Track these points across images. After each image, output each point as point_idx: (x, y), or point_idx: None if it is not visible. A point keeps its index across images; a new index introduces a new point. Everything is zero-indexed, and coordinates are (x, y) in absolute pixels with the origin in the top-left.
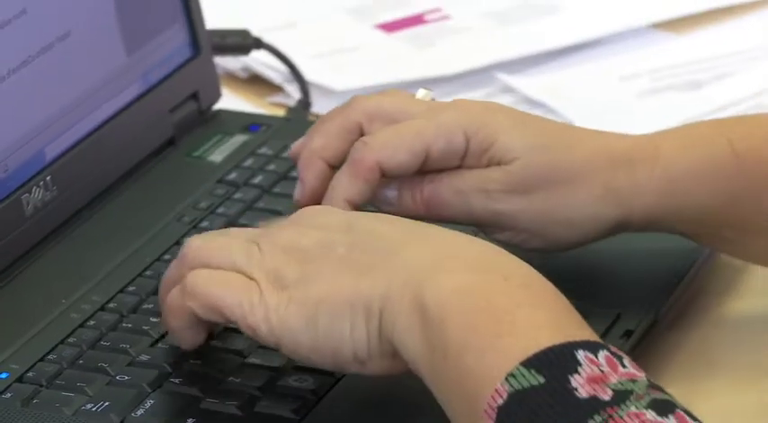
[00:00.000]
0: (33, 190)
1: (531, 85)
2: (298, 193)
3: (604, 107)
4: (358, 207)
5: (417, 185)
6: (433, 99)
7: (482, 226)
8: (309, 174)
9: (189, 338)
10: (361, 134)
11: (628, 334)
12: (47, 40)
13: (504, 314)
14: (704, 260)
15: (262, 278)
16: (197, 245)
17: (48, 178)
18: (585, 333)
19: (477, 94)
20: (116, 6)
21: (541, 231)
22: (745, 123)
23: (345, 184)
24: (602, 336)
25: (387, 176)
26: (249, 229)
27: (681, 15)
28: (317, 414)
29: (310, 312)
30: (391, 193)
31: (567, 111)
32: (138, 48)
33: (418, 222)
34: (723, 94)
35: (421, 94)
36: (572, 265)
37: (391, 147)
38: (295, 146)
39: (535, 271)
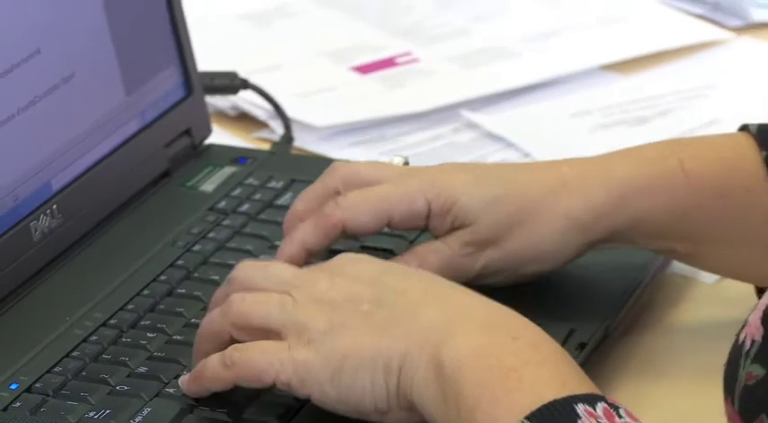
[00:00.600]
0: (40, 217)
1: (492, 121)
2: (278, 252)
3: (559, 141)
4: (313, 253)
5: (408, 263)
6: (406, 163)
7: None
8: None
9: (204, 394)
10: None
11: (582, 346)
12: (53, 80)
13: (512, 372)
14: (651, 275)
15: (292, 333)
16: (239, 297)
17: (54, 207)
18: (585, 387)
19: (443, 130)
20: (116, 50)
21: (516, 271)
22: (695, 144)
23: (308, 231)
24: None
25: (350, 235)
26: (287, 267)
27: (627, 58)
28: (300, 420)
29: (335, 366)
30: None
31: (525, 144)
32: (136, 88)
33: (438, 280)
34: (666, 128)
35: (396, 160)
36: (529, 283)
37: (356, 209)
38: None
39: (540, 330)
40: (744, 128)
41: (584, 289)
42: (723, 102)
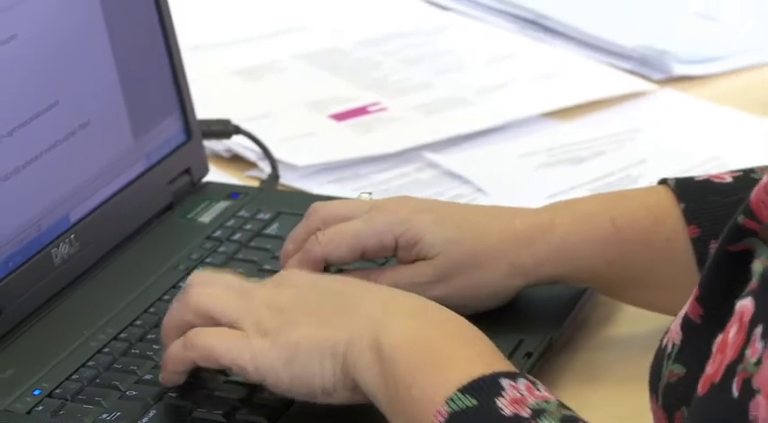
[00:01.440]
0: (60, 245)
1: (450, 161)
2: None
3: (508, 179)
4: None
5: (368, 277)
6: (370, 198)
7: None
8: None
9: (177, 380)
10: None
11: (528, 355)
12: (71, 127)
13: (442, 353)
14: (591, 293)
15: (249, 327)
16: (198, 292)
17: (72, 236)
18: (507, 365)
19: (408, 169)
20: (125, 101)
21: (465, 304)
22: (624, 200)
23: (295, 268)
24: (508, 357)
25: (332, 265)
26: (238, 279)
27: (566, 106)
28: (286, 420)
29: (289, 354)
30: None
31: (479, 182)
32: (143, 134)
33: (366, 282)
34: (601, 167)
35: (363, 196)
36: None
37: (334, 245)
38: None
39: (463, 319)
40: (663, 181)
41: (532, 304)
42: (650, 144)
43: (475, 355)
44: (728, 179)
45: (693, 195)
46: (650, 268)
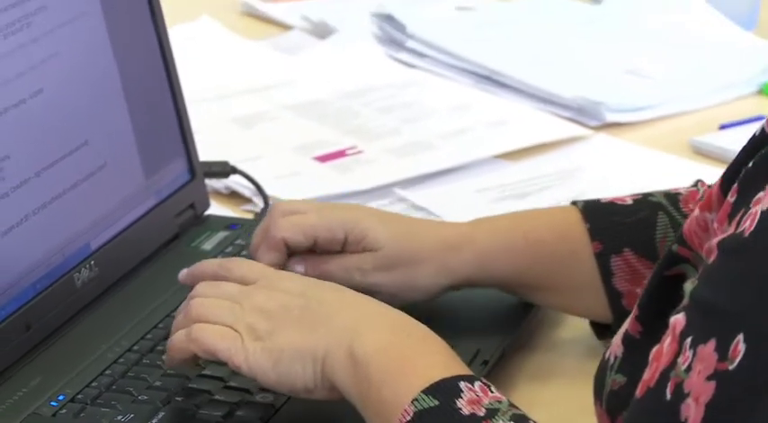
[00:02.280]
0: (81, 270)
1: (417, 196)
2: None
3: (466, 211)
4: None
5: (317, 263)
6: None
7: (356, 289)
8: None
9: (179, 365)
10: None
11: (485, 363)
12: (90, 169)
13: (409, 360)
14: (537, 308)
15: (243, 331)
16: (198, 302)
17: (92, 262)
18: (466, 370)
19: (381, 203)
20: (137, 145)
21: (398, 294)
22: (536, 217)
23: (264, 253)
24: (468, 365)
25: (290, 249)
26: (234, 286)
27: (515, 149)
28: (277, 419)
29: (275, 358)
30: (299, 267)
31: (442, 213)
32: (153, 173)
33: (349, 291)
34: (544, 201)
35: None
36: (445, 314)
37: (293, 231)
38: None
39: (427, 328)
40: (573, 203)
41: (487, 317)
42: (587, 182)
43: (437, 361)
44: (629, 202)
45: (598, 215)
46: (555, 276)
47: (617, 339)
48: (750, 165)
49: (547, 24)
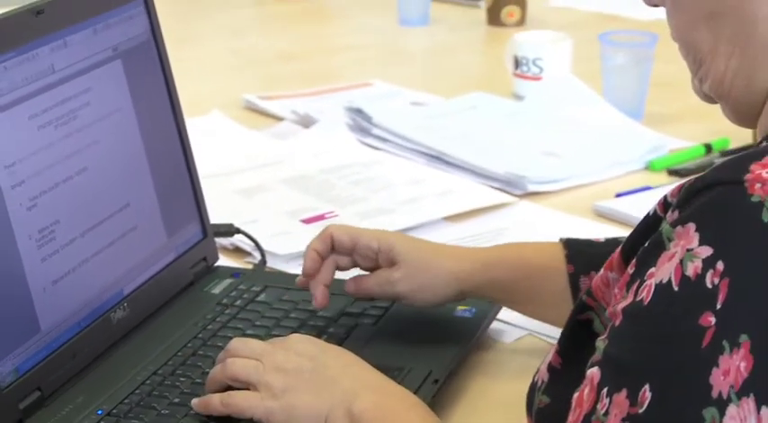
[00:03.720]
0: (116, 310)
1: None
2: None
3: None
4: (322, 256)
5: (360, 281)
6: None
7: (389, 298)
8: (308, 262)
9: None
10: (332, 244)
11: (436, 381)
12: (123, 230)
13: (394, 416)
14: (479, 337)
15: (263, 389)
16: (231, 362)
17: (125, 304)
18: (435, 420)
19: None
20: (161, 212)
21: (418, 298)
22: (531, 245)
23: (314, 241)
24: (422, 384)
25: (335, 246)
26: (260, 345)
27: (458, 212)
28: None
29: (289, 413)
30: (350, 284)
31: None
32: (174, 233)
33: (353, 360)
34: None
35: None
36: (404, 339)
37: (340, 230)
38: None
39: (407, 391)
40: (561, 239)
41: (438, 344)
42: (513, 238)
43: (415, 416)
44: (602, 240)
45: (575, 246)
46: (538, 289)
47: (543, 367)
48: (646, 244)
49: (481, 116)
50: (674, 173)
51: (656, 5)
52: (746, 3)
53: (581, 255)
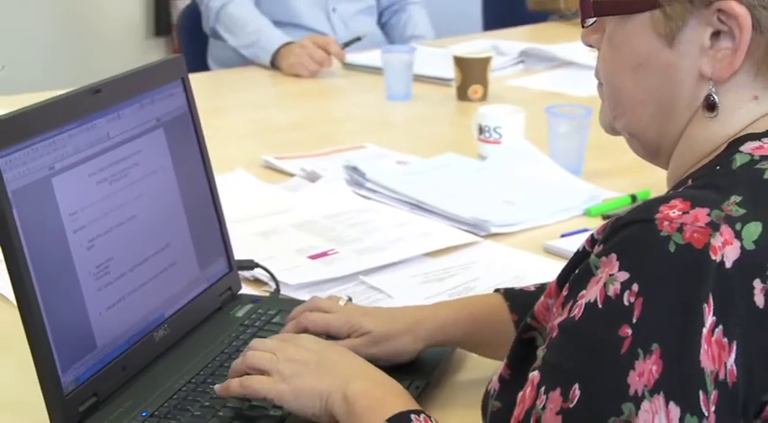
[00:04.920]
0: (158, 331)
1: (373, 280)
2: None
3: (404, 289)
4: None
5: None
6: (349, 300)
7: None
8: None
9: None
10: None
11: (417, 387)
12: (164, 265)
13: (379, 400)
14: (449, 354)
15: (275, 375)
16: (251, 354)
17: (165, 325)
18: (415, 406)
19: (350, 284)
20: (195, 250)
21: (387, 359)
22: (477, 300)
23: (290, 327)
24: (407, 388)
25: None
26: (274, 341)
27: (435, 249)
28: None
29: (296, 394)
30: None
31: (389, 291)
32: (205, 267)
33: (348, 353)
34: (452, 283)
35: (342, 299)
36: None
37: (312, 324)
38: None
39: (392, 379)
40: (497, 290)
41: (418, 361)
42: (478, 271)
43: (398, 401)
44: (533, 288)
45: (514, 297)
46: (488, 336)
47: (495, 377)
48: (576, 272)
49: (453, 172)
50: (607, 218)
51: (591, 46)
52: (671, 63)
53: (521, 304)
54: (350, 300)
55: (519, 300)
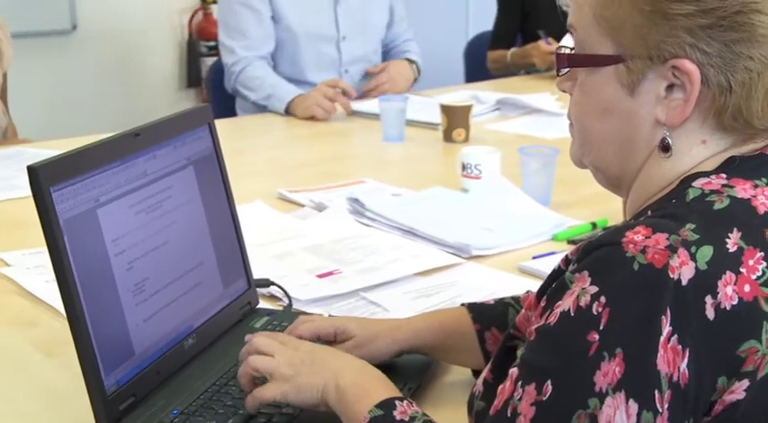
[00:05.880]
0: (188, 340)
1: (371, 295)
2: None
3: (398, 304)
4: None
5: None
6: (330, 315)
7: None
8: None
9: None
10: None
11: (410, 389)
12: (192, 284)
13: (367, 390)
14: (437, 362)
15: (277, 376)
16: (253, 358)
17: (194, 335)
18: (398, 394)
19: (352, 299)
20: (219, 271)
21: (368, 360)
22: (446, 312)
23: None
24: (401, 390)
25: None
26: (276, 344)
27: (425, 269)
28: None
29: (297, 391)
30: None
31: (386, 305)
32: (228, 286)
33: (338, 352)
34: (439, 298)
35: (326, 314)
36: (390, 365)
37: (305, 329)
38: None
39: (379, 371)
40: (463, 304)
41: (409, 366)
42: (462, 288)
43: (384, 390)
44: (492, 302)
45: (476, 309)
46: (456, 344)
47: (479, 380)
48: (553, 286)
49: (440, 203)
50: (571, 242)
51: (564, 91)
52: (633, 111)
53: (482, 315)
54: (330, 315)
55: (480, 311)
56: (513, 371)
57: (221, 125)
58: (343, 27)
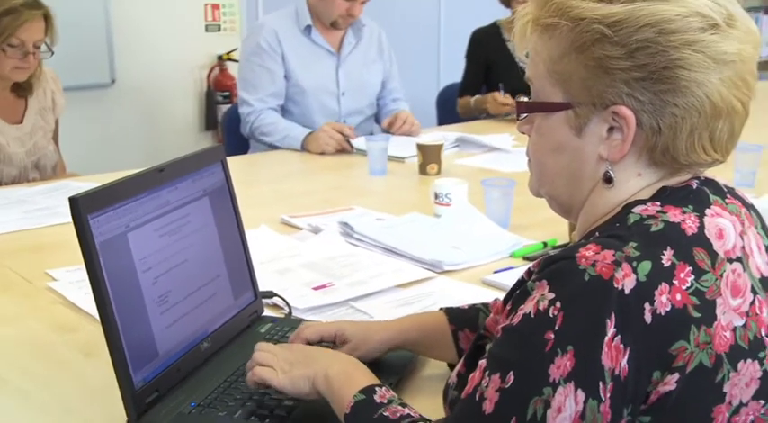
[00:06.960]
0: (203, 343)
1: (359, 305)
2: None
3: (383, 312)
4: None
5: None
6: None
7: None
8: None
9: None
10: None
11: (391, 384)
12: (207, 296)
13: (352, 378)
14: (417, 358)
15: (278, 369)
16: (258, 354)
17: (209, 339)
18: (379, 383)
19: (343, 308)
20: (230, 284)
21: (364, 358)
22: (425, 315)
23: (294, 340)
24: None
25: (309, 341)
26: (276, 348)
27: (404, 282)
28: (297, 412)
29: (292, 381)
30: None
31: (371, 312)
32: (237, 297)
33: (329, 351)
34: (416, 308)
35: (322, 320)
36: (375, 362)
37: (310, 333)
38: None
39: (362, 364)
40: (441, 309)
41: (394, 363)
42: (435, 298)
43: (366, 379)
44: (466, 307)
45: (452, 312)
46: (434, 341)
47: (454, 373)
48: (517, 292)
49: (417, 226)
50: (527, 258)
51: (523, 133)
52: (580, 149)
53: (457, 318)
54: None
55: (455, 314)
56: (482, 362)
57: (234, 161)
58: (342, 85)
